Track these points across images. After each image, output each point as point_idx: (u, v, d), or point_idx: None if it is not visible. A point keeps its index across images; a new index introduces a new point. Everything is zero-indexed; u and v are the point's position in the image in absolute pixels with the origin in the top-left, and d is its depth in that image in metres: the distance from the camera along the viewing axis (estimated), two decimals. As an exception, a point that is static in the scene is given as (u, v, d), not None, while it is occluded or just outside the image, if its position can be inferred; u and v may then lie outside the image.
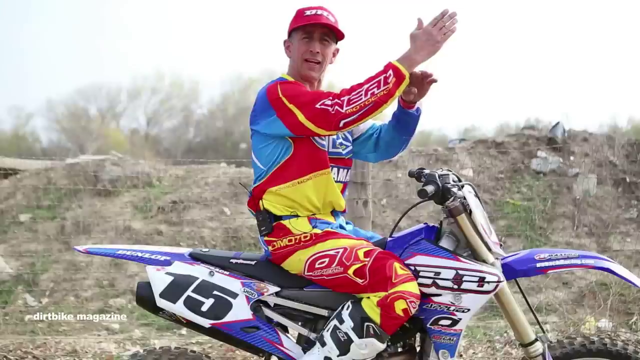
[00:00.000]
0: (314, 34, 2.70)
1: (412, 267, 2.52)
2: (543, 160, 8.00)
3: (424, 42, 2.46)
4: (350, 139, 2.86)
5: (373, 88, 2.43)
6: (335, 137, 2.75)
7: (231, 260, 2.69)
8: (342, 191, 2.79)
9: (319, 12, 2.70)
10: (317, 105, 2.49)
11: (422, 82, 2.60)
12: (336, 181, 2.73)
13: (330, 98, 2.48)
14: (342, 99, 2.46)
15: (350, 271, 2.49)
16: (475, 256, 2.57)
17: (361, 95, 2.44)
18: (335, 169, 2.73)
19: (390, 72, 2.44)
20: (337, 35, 2.75)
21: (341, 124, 2.47)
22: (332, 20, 2.70)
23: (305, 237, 2.61)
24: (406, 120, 2.72)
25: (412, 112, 2.69)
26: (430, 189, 2.51)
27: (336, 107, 2.45)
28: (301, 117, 2.53)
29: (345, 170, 2.79)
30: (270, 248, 2.67)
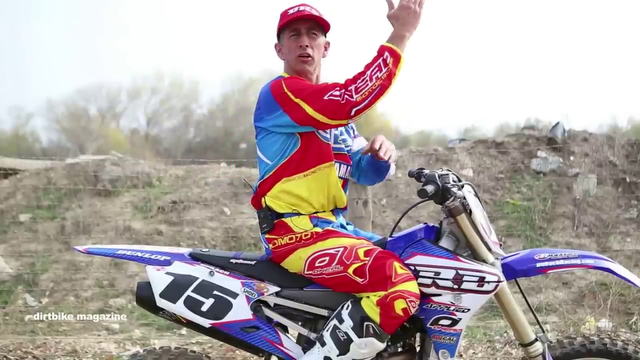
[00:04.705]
0: (301, 29, 2.74)
1: (412, 267, 2.53)
2: (543, 160, 8.00)
3: (405, 17, 2.54)
4: (352, 134, 2.91)
5: (376, 72, 2.48)
6: (337, 132, 2.79)
7: (231, 260, 2.69)
8: (343, 187, 2.80)
9: (301, 7, 2.75)
10: (325, 97, 2.52)
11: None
12: (338, 177, 2.74)
13: (338, 88, 2.52)
14: (349, 88, 2.49)
15: (350, 270, 2.49)
16: (475, 256, 2.57)
17: (367, 81, 2.48)
18: (337, 164, 2.74)
19: (387, 53, 2.50)
20: (324, 28, 2.78)
21: (353, 112, 2.50)
22: (315, 14, 2.74)
23: (306, 235, 2.61)
24: (377, 167, 2.85)
25: (382, 163, 2.79)
26: (430, 188, 2.52)
27: (345, 96, 2.49)
28: (309, 109, 2.55)
29: (346, 166, 2.81)
30: (270, 246, 2.67)
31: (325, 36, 2.82)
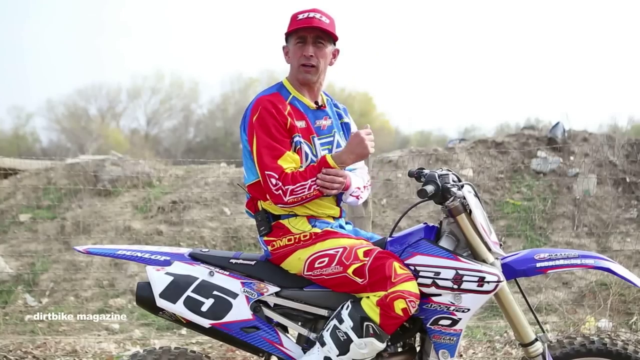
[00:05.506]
0: (307, 37, 2.67)
1: (412, 267, 2.53)
2: (543, 160, 8.00)
3: (353, 146, 2.60)
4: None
5: (314, 183, 2.54)
6: (332, 145, 2.75)
7: (231, 261, 2.69)
8: (337, 201, 2.75)
9: (311, 14, 2.67)
10: (266, 172, 2.58)
11: None
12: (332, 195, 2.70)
13: (277, 176, 2.55)
14: (285, 187, 2.54)
15: (350, 270, 2.49)
16: (475, 256, 2.57)
17: (304, 189, 2.55)
18: None
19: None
20: (333, 36, 2.72)
21: (278, 205, 2.60)
22: (325, 22, 2.66)
23: (304, 236, 2.61)
24: None
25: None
26: (430, 188, 2.52)
27: (279, 191, 2.55)
28: (257, 166, 2.62)
29: None
30: (269, 248, 2.67)
31: (335, 44, 2.75)
